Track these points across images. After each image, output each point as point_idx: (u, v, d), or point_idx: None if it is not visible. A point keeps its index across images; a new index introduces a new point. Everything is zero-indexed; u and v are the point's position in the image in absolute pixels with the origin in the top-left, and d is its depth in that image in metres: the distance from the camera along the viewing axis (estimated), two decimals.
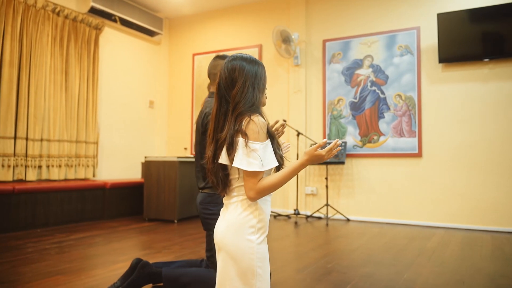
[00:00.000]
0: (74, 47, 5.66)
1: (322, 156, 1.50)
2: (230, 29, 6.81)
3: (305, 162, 1.50)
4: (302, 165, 1.50)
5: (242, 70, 1.55)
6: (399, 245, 4.01)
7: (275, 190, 1.51)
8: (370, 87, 5.63)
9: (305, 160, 1.50)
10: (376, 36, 5.62)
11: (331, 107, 5.88)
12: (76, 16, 5.65)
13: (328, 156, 1.51)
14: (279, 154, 1.56)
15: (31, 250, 3.59)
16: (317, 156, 1.50)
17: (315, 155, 1.49)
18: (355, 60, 5.75)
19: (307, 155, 1.50)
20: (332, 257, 3.48)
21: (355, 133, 5.70)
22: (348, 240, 4.28)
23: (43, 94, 5.24)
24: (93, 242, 4.00)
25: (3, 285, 2.59)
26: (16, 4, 4.94)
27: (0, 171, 4.75)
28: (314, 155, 1.49)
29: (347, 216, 5.64)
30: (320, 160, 1.52)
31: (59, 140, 5.41)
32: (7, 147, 4.81)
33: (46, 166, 5.28)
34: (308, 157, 1.50)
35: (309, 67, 6.09)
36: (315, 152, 1.49)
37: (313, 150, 1.50)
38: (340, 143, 1.59)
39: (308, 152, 1.50)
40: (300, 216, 5.83)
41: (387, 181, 5.46)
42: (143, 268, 2.43)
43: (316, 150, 1.49)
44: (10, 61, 4.87)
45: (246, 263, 1.49)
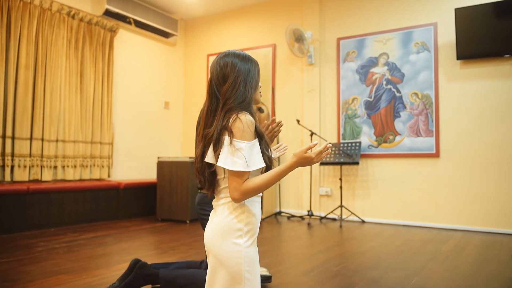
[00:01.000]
0: (89, 49, 5.74)
1: (311, 158, 1.44)
2: (244, 29, 6.78)
3: (293, 164, 1.44)
4: (290, 167, 1.44)
5: (234, 66, 1.51)
6: (413, 248, 3.87)
7: (261, 192, 1.46)
8: (385, 85, 5.49)
9: (293, 162, 1.44)
10: (392, 33, 5.47)
11: (345, 106, 5.77)
12: (91, 19, 5.74)
13: (317, 159, 1.45)
14: (267, 155, 1.50)
15: (41, 249, 3.64)
16: (306, 158, 1.44)
17: (304, 158, 1.44)
18: (370, 58, 5.62)
19: (296, 157, 1.44)
20: (340, 260, 3.39)
21: (370, 133, 5.57)
22: (360, 242, 4.17)
23: (58, 96, 5.33)
24: (102, 242, 4.03)
25: (6, 283, 2.62)
26: (31, 8, 5.04)
27: (17, 171, 4.85)
28: (303, 157, 1.44)
29: (362, 217, 5.51)
30: (309, 163, 1.46)
31: (74, 141, 5.50)
32: (23, 148, 4.91)
33: (62, 167, 5.37)
34: (297, 159, 1.44)
35: (323, 66, 5.99)
36: (304, 154, 1.43)
37: (302, 152, 1.44)
38: (331, 146, 1.53)
39: (297, 154, 1.44)
40: (314, 217, 5.73)
41: (404, 182, 5.30)
42: (140, 269, 2.42)
43: (305, 152, 1.44)
44: (26, 64, 4.98)
45: (234, 267, 1.45)
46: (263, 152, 1.48)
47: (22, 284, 2.60)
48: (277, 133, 2.19)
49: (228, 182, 1.45)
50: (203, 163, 1.52)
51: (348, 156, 5.38)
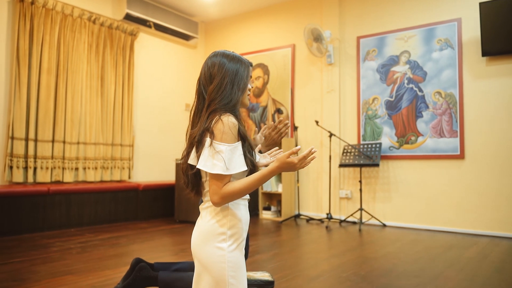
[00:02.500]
0: (109, 53, 5.85)
1: (293, 164, 1.37)
2: (263, 30, 6.73)
3: (275, 169, 1.38)
4: (271, 172, 1.39)
5: (222, 66, 1.47)
6: (432, 254, 3.70)
7: (242, 196, 1.41)
8: (407, 84, 5.30)
9: (275, 167, 1.38)
10: (413, 31, 5.28)
11: (365, 106, 5.61)
12: (111, 23, 5.85)
13: (300, 165, 1.38)
14: (250, 158, 1.45)
15: (56, 249, 3.72)
16: (288, 164, 1.37)
17: (286, 163, 1.37)
18: (391, 56, 5.44)
19: (278, 162, 1.38)
20: (352, 265, 3.28)
21: (391, 134, 5.39)
22: (377, 247, 4.03)
23: (80, 99, 5.46)
24: (116, 242, 4.08)
25: (14, 283, 2.68)
26: (53, 14, 5.19)
27: (39, 172, 5.00)
28: (286, 162, 1.37)
29: (383, 221, 5.33)
30: (292, 169, 1.40)
31: (95, 143, 5.62)
32: (45, 150, 5.06)
33: (83, 168, 5.50)
34: (279, 164, 1.38)
35: (343, 65, 5.86)
36: (287, 159, 1.37)
37: (284, 157, 1.37)
38: (315, 151, 1.46)
39: (279, 158, 1.38)
40: (333, 220, 5.61)
41: (427, 184, 5.10)
42: (140, 271, 2.41)
43: (288, 157, 1.37)
44: (48, 68, 5.12)
45: (218, 272, 1.41)
46: (245, 155, 1.44)
47: (28, 284, 2.65)
48: (283, 134, 2.13)
49: (208, 185, 1.42)
50: (186, 164, 1.50)
51: (368, 157, 5.22)
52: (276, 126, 2.07)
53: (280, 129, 2.05)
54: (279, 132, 2.06)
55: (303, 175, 6.10)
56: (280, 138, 2.08)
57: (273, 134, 2.08)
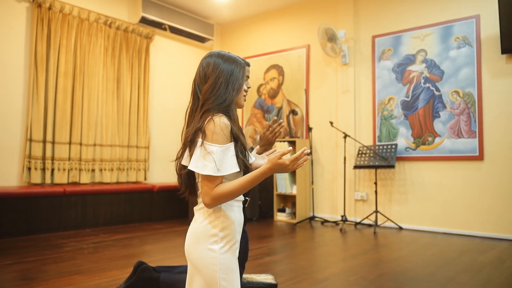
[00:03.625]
0: (125, 56, 5.94)
1: (285, 165, 1.35)
2: (278, 31, 6.70)
3: (266, 170, 1.36)
4: (263, 173, 1.36)
5: (217, 67, 1.46)
6: (446, 258, 3.59)
7: (234, 197, 1.39)
8: (423, 84, 5.17)
9: (267, 168, 1.36)
10: (430, 29, 5.15)
11: (381, 107, 5.51)
12: (127, 27, 5.94)
13: (292, 166, 1.35)
14: (242, 159, 1.43)
15: (69, 249, 3.79)
16: (280, 165, 1.35)
17: (277, 164, 1.35)
18: (407, 55, 5.32)
19: (270, 163, 1.35)
20: (361, 269, 3.21)
21: (407, 134, 5.27)
22: (391, 250, 3.94)
23: (96, 102, 5.56)
24: (128, 243, 4.12)
25: (23, 282, 2.74)
26: (70, 19, 5.30)
27: (56, 174, 5.11)
28: (277, 163, 1.35)
29: (399, 224, 5.22)
30: (284, 170, 1.37)
31: (111, 145, 5.71)
32: (63, 151, 5.17)
33: (99, 170, 5.59)
34: (270, 165, 1.35)
35: (358, 65, 5.77)
36: (278, 160, 1.35)
37: (275, 159, 1.35)
38: (308, 153, 1.42)
39: (271, 160, 1.36)
40: (348, 222, 5.52)
41: (444, 186, 4.96)
42: (142, 273, 2.42)
43: (279, 159, 1.35)
44: (65, 72, 5.23)
45: (209, 274, 1.40)
46: (237, 156, 1.42)
47: (36, 283, 2.70)
48: (278, 133, 2.11)
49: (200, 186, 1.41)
50: (180, 164, 1.50)
51: (383, 159, 5.12)
52: (270, 126, 2.04)
53: (274, 128, 2.03)
54: (274, 132, 2.03)
55: (317, 176, 6.04)
56: (275, 138, 2.05)
57: (267, 134, 2.06)
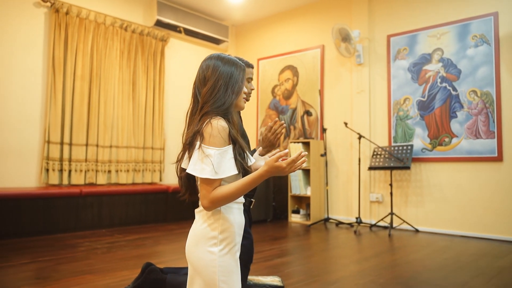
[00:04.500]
0: (141, 59, 6.02)
1: (282, 168, 1.34)
2: (293, 31, 6.68)
3: (264, 173, 1.36)
4: (261, 176, 1.36)
5: (216, 69, 1.47)
6: (462, 262, 3.51)
7: (232, 200, 1.40)
8: (440, 83, 5.07)
9: (264, 171, 1.35)
10: (447, 27, 5.05)
11: (396, 107, 5.42)
12: (142, 30, 6.02)
13: (290, 168, 1.34)
14: (240, 162, 1.43)
15: (83, 249, 3.86)
16: (277, 167, 1.34)
17: (274, 167, 1.34)
18: (423, 54, 5.23)
19: (267, 165, 1.35)
20: (372, 271, 3.16)
21: (423, 135, 5.17)
22: (404, 253, 3.87)
23: (112, 104, 5.65)
24: (141, 243, 4.17)
25: (36, 281, 2.81)
26: (87, 23, 5.41)
27: (73, 175, 5.22)
28: (274, 166, 1.34)
29: (415, 226, 5.12)
30: (281, 173, 1.36)
31: (126, 147, 5.79)
32: (79, 153, 5.27)
33: (115, 171, 5.68)
34: (267, 168, 1.35)
35: (373, 65, 5.70)
36: (275, 163, 1.34)
37: (272, 161, 1.34)
38: (305, 155, 1.41)
39: (268, 162, 1.36)
40: (363, 224, 5.45)
41: (462, 188, 4.84)
42: (150, 274, 2.45)
43: (276, 161, 1.34)
44: (82, 75, 5.34)
45: (208, 276, 1.41)
46: (235, 158, 1.42)
47: (48, 282, 2.76)
48: (279, 135, 2.10)
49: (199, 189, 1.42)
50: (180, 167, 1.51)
51: (398, 160, 5.04)
52: (271, 127, 2.03)
53: (275, 130, 2.02)
54: (275, 133, 2.02)
55: (332, 177, 5.98)
56: (276, 139, 2.04)
57: (269, 135, 2.05)
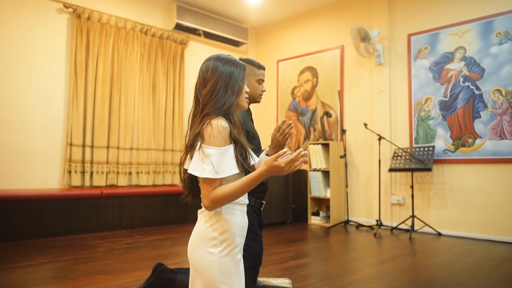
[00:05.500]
0: (161, 62, 6.11)
1: (281, 167, 1.33)
2: (312, 32, 6.63)
3: (263, 172, 1.34)
4: (260, 175, 1.35)
5: (215, 70, 1.47)
6: (483, 267, 3.39)
7: (233, 200, 1.39)
8: (462, 83, 4.92)
9: (263, 170, 1.34)
10: (469, 24, 4.90)
11: (418, 107, 5.30)
12: (162, 33, 6.11)
13: (289, 168, 1.33)
14: (241, 161, 1.42)
15: (102, 249, 3.94)
16: (275, 167, 1.33)
17: (273, 166, 1.33)
18: (445, 53, 5.09)
19: (266, 165, 1.34)
20: (388, 275, 3.09)
21: (446, 136, 5.03)
22: (424, 257, 3.77)
23: (133, 107, 5.76)
24: (159, 244, 4.22)
25: (53, 280, 2.88)
26: (108, 28, 5.53)
27: (95, 177, 5.34)
28: (273, 165, 1.33)
29: (438, 229, 4.98)
30: (280, 172, 1.35)
31: (147, 149, 5.88)
32: (101, 155, 5.39)
33: (136, 173, 5.77)
34: (266, 167, 1.34)
35: (393, 65, 5.59)
36: (273, 162, 1.33)
37: (271, 160, 1.34)
38: (305, 153, 1.39)
39: (267, 161, 1.35)
40: (384, 227, 5.34)
41: (486, 190, 4.68)
42: (160, 274, 2.47)
43: (275, 161, 1.33)
44: (103, 79, 5.46)
45: (208, 277, 1.42)
46: (237, 158, 1.42)
47: (64, 281, 2.83)
48: (288, 135, 2.08)
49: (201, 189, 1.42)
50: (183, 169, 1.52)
51: (420, 162, 4.92)
52: (280, 127, 2.02)
53: (284, 130, 2.00)
54: (283, 134, 2.01)
55: (352, 179, 5.90)
56: (285, 139, 2.03)
57: (277, 135, 2.03)
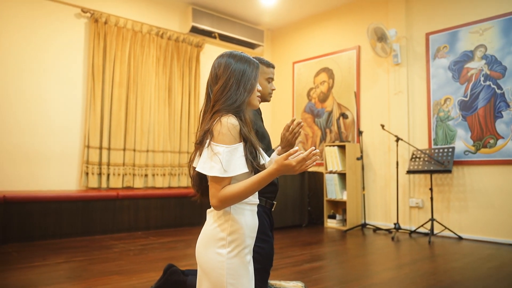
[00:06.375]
0: (176, 65, 6.14)
1: (292, 166, 1.28)
2: (328, 33, 6.57)
3: (273, 171, 1.30)
4: (270, 174, 1.31)
5: (227, 67, 1.45)
6: (505, 272, 3.26)
7: (242, 199, 1.35)
8: (483, 82, 4.78)
9: (273, 169, 1.30)
10: (490, 22, 4.76)
11: (437, 108, 5.17)
12: (178, 36, 6.15)
13: (300, 167, 1.29)
14: (251, 160, 1.39)
15: (117, 250, 3.96)
16: (286, 166, 1.29)
17: (284, 165, 1.29)
18: (464, 52, 4.96)
19: (276, 164, 1.30)
20: (404, 280, 3.01)
21: (466, 137, 4.89)
22: (444, 261, 3.66)
23: (149, 110, 5.80)
24: (173, 246, 4.22)
25: (66, 279, 2.90)
26: (124, 32, 5.60)
27: (112, 179, 5.39)
28: (283, 164, 1.29)
29: (458, 233, 4.84)
30: (291, 171, 1.30)
31: (163, 151, 5.91)
32: (117, 157, 5.44)
33: (152, 175, 5.81)
34: (277, 166, 1.30)
35: (411, 65, 5.48)
36: (284, 161, 1.29)
37: (281, 159, 1.29)
38: (317, 152, 1.34)
39: (277, 160, 1.30)
40: (402, 231, 5.22)
41: (509, 193, 4.52)
42: (171, 275, 2.46)
43: (285, 159, 1.29)
44: (120, 82, 5.52)
45: (216, 278, 1.38)
46: (246, 156, 1.38)
47: (77, 281, 2.85)
48: (297, 134, 2.04)
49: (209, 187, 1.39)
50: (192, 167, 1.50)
51: (439, 163, 4.79)
52: (289, 126, 1.98)
53: (293, 129, 1.96)
54: (293, 133, 1.97)
55: (369, 182, 5.79)
56: (294, 138, 1.99)
57: (287, 135, 1.99)
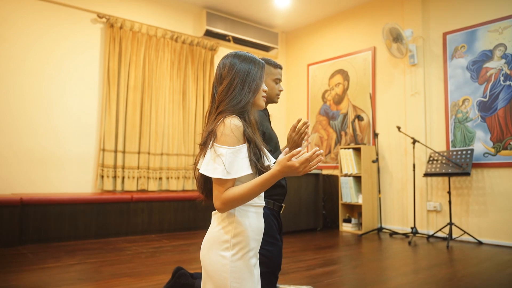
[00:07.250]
0: (191, 68, 6.17)
1: (295, 168, 1.25)
2: (343, 35, 6.50)
3: (276, 173, 1.27)
4: (273, 176, 1.28)
5: (232, 67, 1.43)
6: None
7: (245, 201, 1.32)
8: (503, 81, 4.64)
9: (276, 171, 1.27)
10: (509, 20, 4.63)
11: (455, 109, 5.04)
12: (192, 40, 6.17)
13: (303, 168, 1.25)
14: (254, 162, 1.36)
15: (129, 252, 3.98)
16: (289, 167, 1.26)
17: (287, 166, 1.26)
18: (483, 51, 4.83)
19: (279, 165, 1.27)
20: (420, 285, 2.92)
21: (485, 138, 4.75)
22: (462, 266, 3.54)
23: (163, 113, 5.83)
24: (185, 249, 4.22)
25: (78, 280, 2.92)
26: (139, 36, 5.65)
27: (126, 181, 5.43)
28: (286, 165, 1.26)
29: (478, 238, 4.69)
30: (294, 173, 1.27)
31: (177, 154, 5.93)
32: (132, 160, 5.48)
33: (166, 178, 5.83)
34: (279, 167, 1.27)
35: (428, 65, 5.36)
36: (287, 162, 1.26)
37: (284, 160, 1.26)
38: (321, 153, 1.31)
39: (280, 161, 1.27)
40: (419, 235, 5.10)
41: None
42: (179, 278, 2.44)
43: (288, 160, 1.26)
44: (135, 85, 5.57)
45: (220, 281, 1.36)
46: (250, 157, 1.35)
47: (88, 282, 2.86)
48: (304, 134, 2.01)
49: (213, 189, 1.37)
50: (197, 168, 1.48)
51: (457, 166, 4.67)
52: (295, 126, 1.95)
53: (300, 129, 1.93)
54: (299, 133, 1.93)
55: (386, 185, 5.69)
56: (301, 139, 1.96)
57: (293, 135, 1.96)
